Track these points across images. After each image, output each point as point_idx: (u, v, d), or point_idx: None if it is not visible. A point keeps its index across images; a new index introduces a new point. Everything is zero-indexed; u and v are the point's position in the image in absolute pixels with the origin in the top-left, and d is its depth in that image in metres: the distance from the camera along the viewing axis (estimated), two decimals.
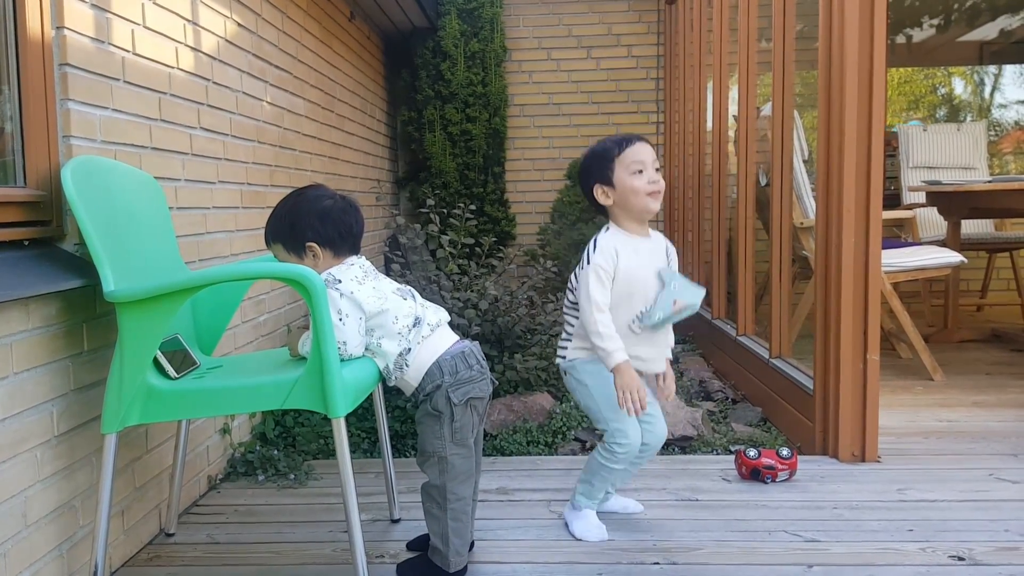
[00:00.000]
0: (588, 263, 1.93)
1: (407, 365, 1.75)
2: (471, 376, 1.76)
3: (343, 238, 1.80)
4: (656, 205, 1.96)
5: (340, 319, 1.69)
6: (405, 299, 1.79)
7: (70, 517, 1.73)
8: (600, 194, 1.98)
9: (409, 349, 1.74)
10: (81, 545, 1.76)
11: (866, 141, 2.46)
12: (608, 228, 1.99)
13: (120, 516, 1.91)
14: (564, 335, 2.04)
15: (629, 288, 1.93)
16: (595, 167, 1.98)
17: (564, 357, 2.03)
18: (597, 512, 2.08)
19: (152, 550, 2.01)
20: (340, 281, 1.71)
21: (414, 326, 1.76)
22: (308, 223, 1.78)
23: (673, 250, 2.07)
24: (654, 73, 5.46)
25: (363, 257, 1.85)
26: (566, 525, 2.07)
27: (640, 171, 1.93)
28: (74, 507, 1.74)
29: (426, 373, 1.74)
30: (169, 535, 2.08)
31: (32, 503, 1.60)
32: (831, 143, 2.53)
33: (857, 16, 2.44)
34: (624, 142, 1.96)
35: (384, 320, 1.73)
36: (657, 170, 1.96)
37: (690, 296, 1.94)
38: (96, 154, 1.83)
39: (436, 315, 1.83)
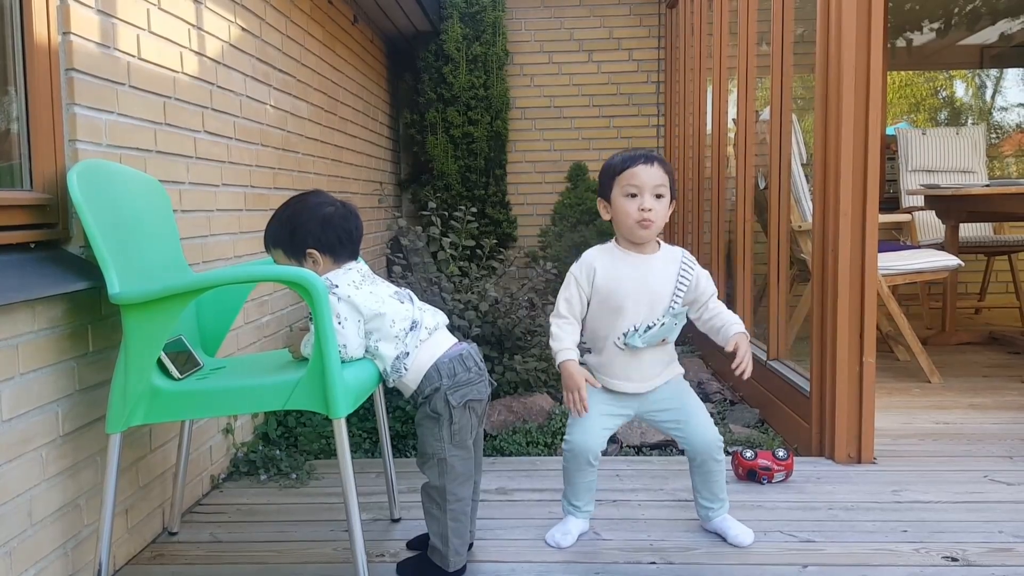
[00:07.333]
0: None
1: (405, 368, 1.77)
2: (469, 379, 1.78)
3: (343, 244, 1.83)
4: (645, 233, 1.89)
5: (339, 323, 1.71)
6: (402, 303, 1.81)
7: (75, 516, 1.75)
8: (601, 208, 1.97)
9: (407, 353, 1.77)
10: (85, 543, 1.79)
11: (862, 145, 2.48)
12: (610, 242, 1.99)
13: (124, 515, 1.94)
14: None
15: (610, 304, 1.92)
16: (602, 180, 1.96)
17: None
18: (705, 527, 2.07)
19: (155, 548, 2.03)
20: (337, 286, 1.74)
21: (411, 329, 1.78)
22: (309, 230, 1.80)
23: (694, 271, 1.96)
24: (655, 76, 5.48)
25: (361, 261, 1.88)
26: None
27: (634, 195, 1.87)
28: (79, 506, 1.77)
29: (424, 376, 1.76)
30: (172, 534, 2.11)
31: (37, 502, 1.62)
32: (828, 147, 2.55)
33: (854, 21, 2.46)
34: (628, 161, 1.89)
35: (381, 323, 1.76)
36: (659, 196, 1.87)
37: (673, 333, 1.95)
38: (102, 158, 1.86)
39: (434, 318, 1.85)
